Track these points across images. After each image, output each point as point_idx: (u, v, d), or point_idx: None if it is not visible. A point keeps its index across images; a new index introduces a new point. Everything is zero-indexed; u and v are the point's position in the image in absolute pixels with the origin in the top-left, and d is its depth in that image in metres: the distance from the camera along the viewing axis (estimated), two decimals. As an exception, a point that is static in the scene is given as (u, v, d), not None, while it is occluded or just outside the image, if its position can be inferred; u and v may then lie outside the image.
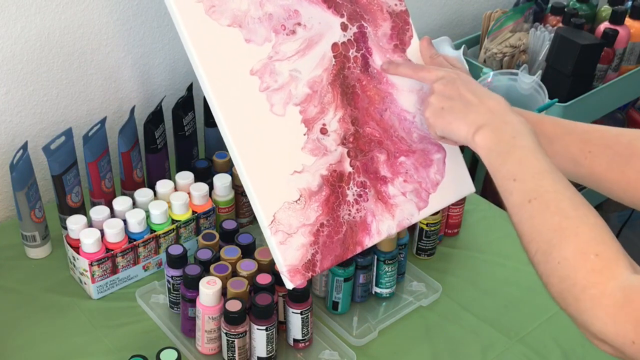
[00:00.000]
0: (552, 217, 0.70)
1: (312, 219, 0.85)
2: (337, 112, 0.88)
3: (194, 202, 1.11)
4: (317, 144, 0.86)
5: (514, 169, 0.75)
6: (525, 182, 0.74)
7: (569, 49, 1.43)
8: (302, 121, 0.86)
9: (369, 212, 0.89)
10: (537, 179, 0.74)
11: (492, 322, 1.05)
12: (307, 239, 0.85)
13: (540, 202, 0.72)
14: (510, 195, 0.75)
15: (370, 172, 0.90)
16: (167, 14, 1.24)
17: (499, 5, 1.74)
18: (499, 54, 1.54)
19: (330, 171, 0.87)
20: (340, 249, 0.87)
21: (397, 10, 0.92)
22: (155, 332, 1.01)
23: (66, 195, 1.09)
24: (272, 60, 0.84)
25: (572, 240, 0.68)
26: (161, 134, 1.16)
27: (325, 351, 0.99)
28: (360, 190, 0.89)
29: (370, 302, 1.08)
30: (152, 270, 1.10)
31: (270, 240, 0.83)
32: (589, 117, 1.55)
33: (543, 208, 0.71)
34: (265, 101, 0.83)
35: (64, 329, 1.00)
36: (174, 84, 1.32)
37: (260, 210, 0.83)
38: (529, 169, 0.75)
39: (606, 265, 0.66)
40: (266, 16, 0.84)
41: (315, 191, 0.86)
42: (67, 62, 1.17)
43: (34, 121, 1.18)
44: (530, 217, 0.72)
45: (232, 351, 0.92)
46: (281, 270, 0.84)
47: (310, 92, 0.86)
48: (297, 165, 0.85)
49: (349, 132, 0.88)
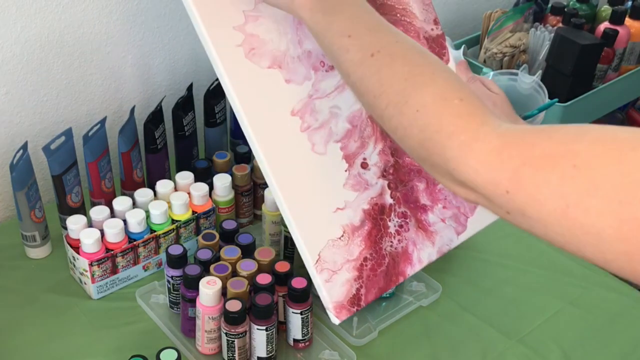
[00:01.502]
0: (401, 67, 0.66)
1: (355, 254, 0.85)
2: (377, 145, 0.87)
3: (194, 202, 1.11)
4: (359, 179, 0.86)
5: (346, 25, 0.70)
6: (362, 37, 0.69)
7: (569, 49, 1.43)
8: (343, 157, 0.85)
9: (410, 241, 0.89)
10: (375, 32, 0.69)
11: (492, 322, 1.05)
12: (352, 274, 0.85)
13: (384, 55, 0.67)
14: (346, 53, 0.69)
15: (410, 202, 0.90)
16: (167, 14, 1.25)
17: (499, 5, 1.74)
18: (499, 54, 1.54)
19: (372, 205, 0.87)
20: (384, 281, 0.88)
21: (434, 35, 0.92)
22: (155, 332, 1.01)
23: (66, 195, 1.09)
24: (312, 99, 0.83)
25: (430, 87, 0.64)
26: (161, 134, 1.16)
27: (325, 351, 0.99)
28: (402, 221, 0.89)
29: (371, 302, 1.07)
30: (152, 270, 1.10)
31: (316, 279, 0.83)
32: (589, 117, 1.55)
33: (389, 60, 0.67)
34: (307, 141, 0.83)
35: (64, 329, 1.00)
36: (174, 84, 1.32)
37: (305, 250, 0.82)
38: (365, 24, 0.70)
39: (473, 110, 0.62)
40: (305, 54, 0.83)
41: (358, 226, 0.86)
42: (67, 62, 1.17)
43: (34, 121, 1.18)
44: (377, 71, 0.67)
45: (232, 351, 0.92)
46: (327, 307, 0.84)
47: (350, 128, 0.86)
48: (339, 202, 0.85)
49: (389, 164, 0.88)
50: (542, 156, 0.55)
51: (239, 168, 1.16)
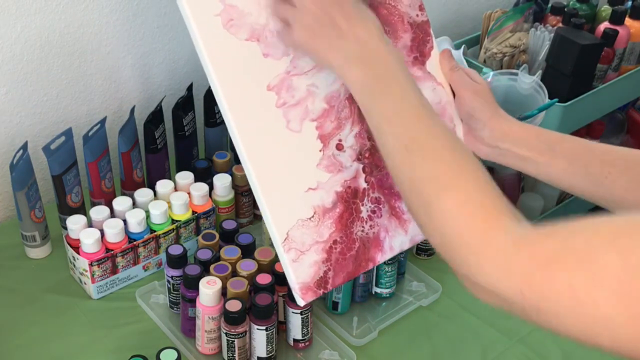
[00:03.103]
0: (431, 165, 0.68)
1: (325, 236, 0.84)
2: (353, 127, 0.86)
3: (194, 202, 1.11)
4: (333, 160, 0.85)
5: (388, 109, 0.73)
6: (400, 126, 0.71)
7: (569, 49, 1.43)
8: (318, 137, 0.84)
9: (382, 228, 0.88)
10: (413, 122, 0.71)
11: (492, 322, 1.05)
12: (320, 256, 0.84)
13: (417, 149, 0.69)
14: (384, 138, 0.72)
15: (385, 188, 0.89)
16: (167, 14, 1.25)
17: (499, 5, 1.74)
18: (499, 54, 1.54)
19: (345, 187, 0.86)
20: (353, 266, 0.86)
21: (419, 21, 0.91)
22: (155, 332, 1.01)
23: (66, 195, 1.09)
24: (289, 75, 0.82)
25: (453, 190, 0.66)
26: (161, 134, 1.16)
27: (325, 351, 0.99)
28: (375, 206, 0.88)
29: (370, 302, 1.08)
30: (152, 270, 1.10)
31: (283, 257, 0.82)
32: (589, 117, 1.55)
33: (420, 156, 0.69)
34: (282, 117, 0.82)
35: (64, 329, 1.00)
36: (174, 84, 1.32)
37: (274, 227, 0.82)
38: (405, 111, 0.72)
39: (491, 215, 0.64)
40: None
41: (329, 208, 0.85)
42: (67, 62, 1.17)
43: (34, 121, 1.18)
44: (409, 166, 0.69)
45: (232, 351, 0.92)
46: (293, 287, 0.83)
47: (327, 107, 0.85)
48: (311, 182, 0.84)
49: (365, 148, 0.87)
50: (550, 256, 0.58)
51: (239, 168, 1.16)
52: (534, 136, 0.86)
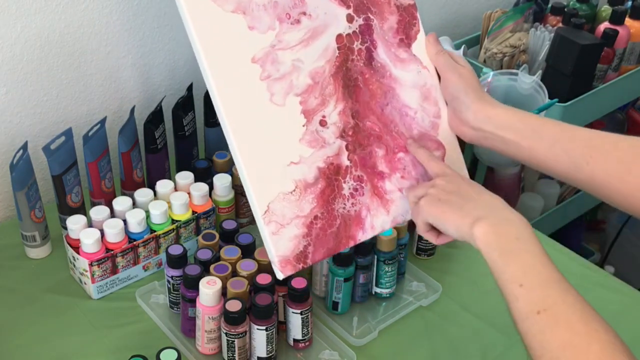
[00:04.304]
0: (562, 332, 0.68)
1: (306, 211, 0.85)
2: (337, 105, 0.87)
3: (194, 202, 1.11)
4: (316, 136, 0.86)
5: (519, 273, 0.73)
6: (532, 290, 0.71)
7: (569, 49, 1.43)
8: (301, 112, 0.85)
9: (364, 206, 0.89)
10: (545, 287, 0.71)
11: (492, 322, 1.05)
12: (300, 231, 0.85)
13: (549, 315, 0.69)
14: (515, 301, 0.72)
15: (367, 167, 0.89)
16: (167, 14, 1.25)
17: (499, 5, 1.74)
18: (499, 54, 1.54)
19: (328, 164, 0.87)
20: (333, 242, 0.87)
21: (405, 4, 0.92)
22: (155, 332, 1.01)
23: (66, 195, 1.09)
24: (274, 49, 0.83)
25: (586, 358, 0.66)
26: (161, 134, 1.16)
27: (325, 351, 0.99)
28: (357, 185, 0.89)
29: (370, 302, 1.08)
30: (152, 270, 1.10)
31: (263, 230, 0.83)
32: (589, 117, 1.55)
33: (552, 322, 0.69)
34: (266, 90, 0.83)
35: (64, 329, 1.00)
36: (174, 84, 1.32)
37: (255, 199, 0.83)
38: (537, 276, 0.72)
39: None
40: (271, 4, 0.83)
41: (311, 183, 0.85)
42: (67, 62, 1.17)
43: (34, 121, 1.18)
44: (539, 332, 0.69)
45: (232, 351, 0.92)
46: (272, 260, 0.84)
47: (311, 83, 0.86)
48: (294, 156, 0.85)
49: (348, 126, 0.88)
50: None
51: (239, 168, 1.16)
52: (518, 120, 0.88)
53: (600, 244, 2.04)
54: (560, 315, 0.69)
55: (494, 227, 0.76)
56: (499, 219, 0.77)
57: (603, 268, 1.46)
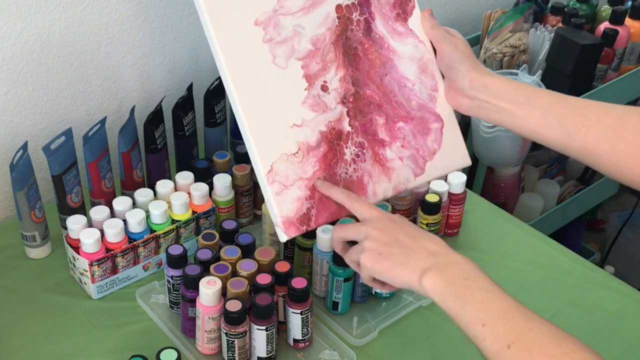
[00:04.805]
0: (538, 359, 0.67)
1: (309, 173, 0.87)
2: (338, 72, 0.89)
3: (194, 202, 1.11)
4: (318, 100, 0.88)
5: (479, 313, 0.72)
6: (496, 325, 0.71)
7: (569, 49, 1.43)
8: (303, 76, 0.87)
9: (366, 172, 0.90)
10: (507, 320, 0.71)
11: (492, 322, 1.05)
12: (304, 193, 0.86)
13: (520, 346, 0.68)
14: (483, 341, 0.71)
15: (368, 134, 0.91)
16: (167, 14, 1.25)
17: (499, 5, 1.74)
18: (499, 54, 1.54)
19: (330, 128, 0.88)
20: (336, 207, 0.88)
21: None
22: (155, 332, 1.01)
23: (66, 195, 1.09)
24: (276, 14, 0.86)
25: None
26: (161, 134, 1.16)
27: (325, 351, 0.99)
28: (358, 151, 0.90)
29: (370, 302, 1.08)
30: (152, 270, 1.10)
31: (267, 190, 0.84)
32: (589, 117, 1.55)
33: (525, 352, 0.68)
34: (268, 52, 0.85)
35: (64, 329, 1.00)
36: (174, 84, 1.32)
37: (258, 159, 0.84)
38: (496, 311, 0.72)
39: None
40: None
41: (314, 146, 0.87)
42: (67, 62, 1.17)
43: (34, 121, 1.18)
44: None
45: (232, 351, 0.92)
46: (276, 221, 0.85)
47: (312, 49, 0.88)
48: (296, 118, 0.86)
49: (349, 92, 0.90)
50: None
51: (239, 168, 1.16)
52: (513, 88, 0.90)
53: (600, 244, 2.04)
54: (532, 343, 0.68)
55: (442, 275, 0.76)
56: (444, 264, 0.77)
57: (603, 268, 1.46)
